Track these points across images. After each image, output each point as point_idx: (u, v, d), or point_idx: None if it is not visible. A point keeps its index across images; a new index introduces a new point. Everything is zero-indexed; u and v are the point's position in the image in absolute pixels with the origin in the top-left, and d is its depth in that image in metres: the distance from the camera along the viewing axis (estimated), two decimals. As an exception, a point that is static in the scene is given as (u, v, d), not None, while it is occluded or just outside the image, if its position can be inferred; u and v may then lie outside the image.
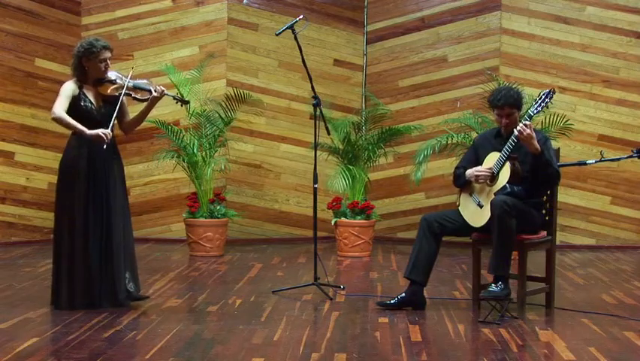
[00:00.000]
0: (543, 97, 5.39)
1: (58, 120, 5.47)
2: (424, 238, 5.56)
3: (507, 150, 5.36)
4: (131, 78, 5.58)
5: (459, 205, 5.66)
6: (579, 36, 8.75)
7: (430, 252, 5.55)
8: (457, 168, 5.75)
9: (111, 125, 5.45)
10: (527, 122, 5.29)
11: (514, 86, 5.84)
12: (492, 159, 5.47)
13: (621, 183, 8.74)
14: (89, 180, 5.49)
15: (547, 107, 5.43)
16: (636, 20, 8.69)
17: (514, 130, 5.32)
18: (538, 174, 5.43)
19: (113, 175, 5.59)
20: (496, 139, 5.62)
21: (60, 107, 5.45)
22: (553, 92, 5.41)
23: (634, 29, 8.69)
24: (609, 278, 6.92)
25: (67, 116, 5.45)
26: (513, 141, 5.34)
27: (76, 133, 5.48)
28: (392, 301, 5.57)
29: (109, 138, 5.40)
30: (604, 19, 8.70)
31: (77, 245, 5.46)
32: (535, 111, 5.36)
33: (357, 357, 4.36)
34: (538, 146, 5.32)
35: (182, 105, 5.99)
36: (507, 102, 5.45)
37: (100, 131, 5.39)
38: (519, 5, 8.80)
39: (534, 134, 5.31)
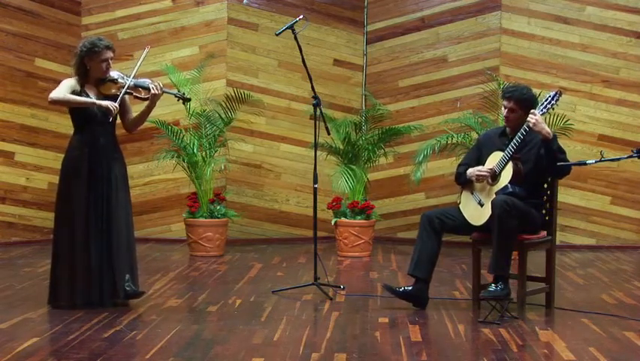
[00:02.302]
0: (549, 99, 5.39)
1: (57, 101, 5.45)
2: (425, 233, 5.57)
3: (511, 150, 5.36)
4: (132, 77, 5.59)
5: (460, 203, 5.67)
6: (579, 36, 8.75)
7: (432, 248, 5.56)
8: (459, 165, 5.77)
9: (119, 99, 5.48)
10: (533, 111, 5.30)
11: (533, 91, 5.69)
12: (495, 158, 5.48)
13: (621, 183, 8.74)
14: (90, 180, 5.50)
15: (553, 109, 5.42)
16: (636, 20, 8.69)
17: (524, 126, 5.32)
18: (549, 164, 5.38)
19: (115, 175, 5.59)
20: (500, 138, 5.62)
21: (56, 92, 5.43)
22: (560, 95, 5.40)
23: (634, 29, 8.69)
24: (609, 278, 6.92)
25: (68, 95, 5.43)
26: (517, 141, 5.34)
27: (83, 106, 5.46)
28: (399, 289, 5.58)
29: (116, 111, 5.44)
30: (604, 19, 8.70)
31: (77, 245, 5.46)
32: (540, 112, 5.35)
33: (357, 357, 4.36)
34: (549, 130, 5.33)
35: (183, 103, 5.98)
36: (513, 96, 5.49)
37: (109, 103, 5.43)
38: (519, 5, 8.80)
39: (541, 119, 5.30)
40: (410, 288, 5.60)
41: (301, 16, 6.33)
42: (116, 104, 5.44)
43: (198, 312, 5.50)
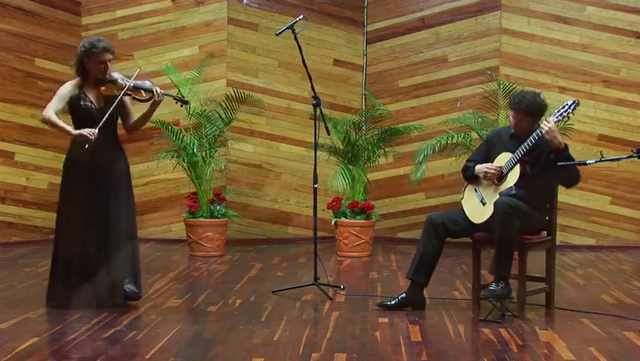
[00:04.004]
0: (566, 107, 5.35)
1: (46, 122, 5.50)
2: (429, 239, 5.55)
3: (521, 153, 5.33)
4: (133, 79, 5.57)
5: (462, 199, 5.65)
6: (579, 36, 8.75)
7: (434, 253, 5.55)
8: (468, 160, 5.76)
9: (100, 124, 5.40)
10: (548, 119, 5.28)
11: (540, 95, 5.60)
12: (503, 159, 5.45)
13: (621, 183, 8.74)
14: (92, 180, 5.50)
15: (569, 118, 5.38)
16: (636, 20, 8.69)
17: (537, 131, 5.29)
18: (557, 172, 5.37)
19: (117, 175, 5.59)
20: (511, 139, 5.56)
21: (51, 109, 5.46)
22: (577, 104, 5.36)
23: (634, 29, 8.69)
24: (609, 278, 6.92)
25: (55, 118, 5.45)
26: (528, 145, 5.30)
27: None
28: (392, 303, 5.57)
29: (94, 136, 5.35)
30: (604, 19, 8.70)
31: (78, 245, 5.45)
32: (554, 119, 5.32)
33: (357, 357, 4.36)
34: (561, 139, 5.31)
35: (182, 105, 5.97)
36: (520, 109, 5.41)
37: (84, 130, 5.37)
38: (519, 5, 8.80)
39: (555, 127, 5.28)
40: (404, 295, 5.58)
41: (301, 16, 6.32)
42: (94, 130, 5.35)
43: (198, 312, 5.50)
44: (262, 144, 9.04)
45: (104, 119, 5.43)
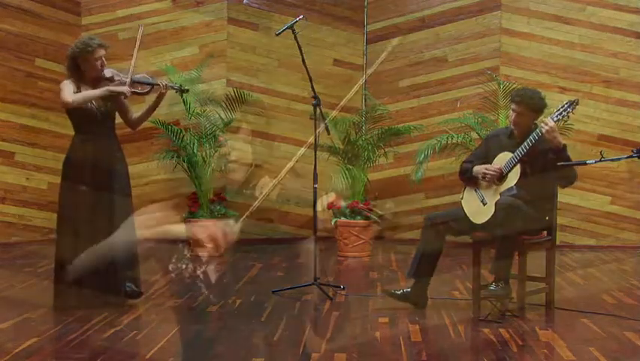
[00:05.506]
0: (565, 106, 5.35)
1: (77, 102, 5.39)
2: (429, 237, 5.56)
3: (521, 153, 5.33)
4: (130, 72, 5.56)
5: (462, 199, 5.65)
6: (579, 36, 8.75)
7: (435, 252, 5.56)
8: (465, 161, 5.75)
9: (129, 78, 5.48)
10: (547, 120, 5.28)
11: (542, 94, 5.59)
12: (503, 159, 5.45)
13: (621, 183, 8.73)
14: (93, 181, 5.49)
15: (569, 117, 5.37)
16: (636, 20, 8.69)
17: (537, 130, 5.29)
18: (556, 171, 5.38)
19: (117, 175, 5.59)
20: (509, 139, 5.58)
21: (69, 95, 5.39)
22: (577, 103, 5.35)
23: (634, 29, 8.69)
24: (609, 278, 6.92)
25: (79, 94, 5.40)
26: (528, 144, 5.30)
27: (100, 96, 5.46)
28: (398, 292, 5.58)
29: (129, 94, 5.48)
30: (604, 19, 8.70)
31: (82, 246, 5.44)
32: (554, 118, 5.32)
33: (357, 357, 4.36)
34: (561, 139, 5.31)
35: (182, 94, 5.95)
36: (523, 101, 5.43)
37: (123, 87, 5.45)
38: (519, 5, 8.80)
39: (555, 127, 5.28)
40: (409, 290, 5.60)
41: (301, 16, 6.33)
42: (128, 88, 5.44)
43: (198, 312, 5.50)
44: (262, 144, 9.03)
45: (129, 75, 5.49)
